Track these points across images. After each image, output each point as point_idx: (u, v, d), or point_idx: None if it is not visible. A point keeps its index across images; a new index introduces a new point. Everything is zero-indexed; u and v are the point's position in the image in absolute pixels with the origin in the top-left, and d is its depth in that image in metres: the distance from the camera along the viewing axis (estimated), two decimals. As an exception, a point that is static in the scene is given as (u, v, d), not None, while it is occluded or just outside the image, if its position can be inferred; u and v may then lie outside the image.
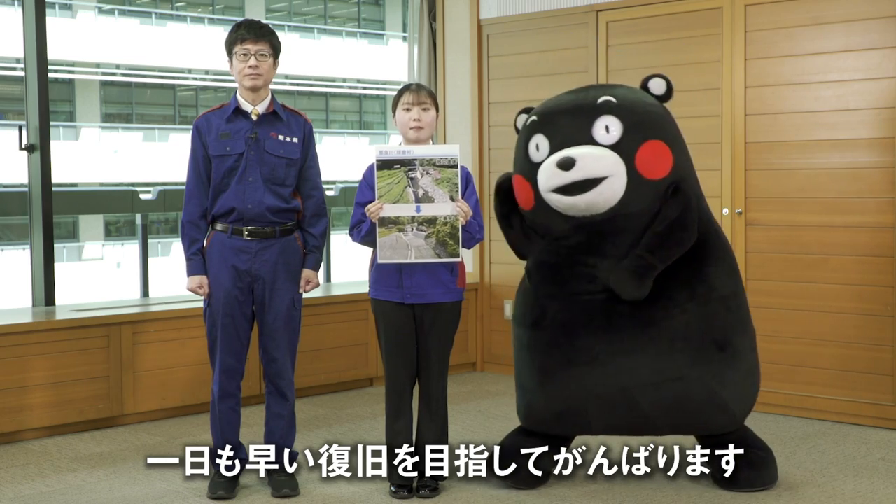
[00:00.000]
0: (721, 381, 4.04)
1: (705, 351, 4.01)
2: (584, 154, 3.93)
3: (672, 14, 5.77)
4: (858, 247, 5.20)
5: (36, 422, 5.06)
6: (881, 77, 5.13)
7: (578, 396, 4.10)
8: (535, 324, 4.17)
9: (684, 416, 4.08)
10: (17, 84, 19.76)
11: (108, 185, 21.49)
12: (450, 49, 6.83)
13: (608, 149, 3.95)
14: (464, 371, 6.66)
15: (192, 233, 4.13)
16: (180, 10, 23.67)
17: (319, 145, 4.55)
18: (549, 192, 3.99)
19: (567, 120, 4.05)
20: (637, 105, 4.06)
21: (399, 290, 4.06)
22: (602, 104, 4.02)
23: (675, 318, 3.99)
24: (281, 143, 4.13)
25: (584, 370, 4.06)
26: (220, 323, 4.12)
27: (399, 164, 3.90)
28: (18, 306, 6.27)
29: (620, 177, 3.93)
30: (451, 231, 3.93)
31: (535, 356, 4.17)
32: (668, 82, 4.19)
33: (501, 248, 6.60)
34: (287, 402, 4.23)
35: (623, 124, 3.98)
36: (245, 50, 4.07)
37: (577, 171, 3.90)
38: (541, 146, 4.07)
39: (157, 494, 4.22)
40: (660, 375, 4.00)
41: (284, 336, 4.18)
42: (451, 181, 3.91)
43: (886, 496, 4.14)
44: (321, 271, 4.45)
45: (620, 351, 4.01)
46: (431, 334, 4.11)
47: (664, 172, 4.00)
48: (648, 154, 3.97)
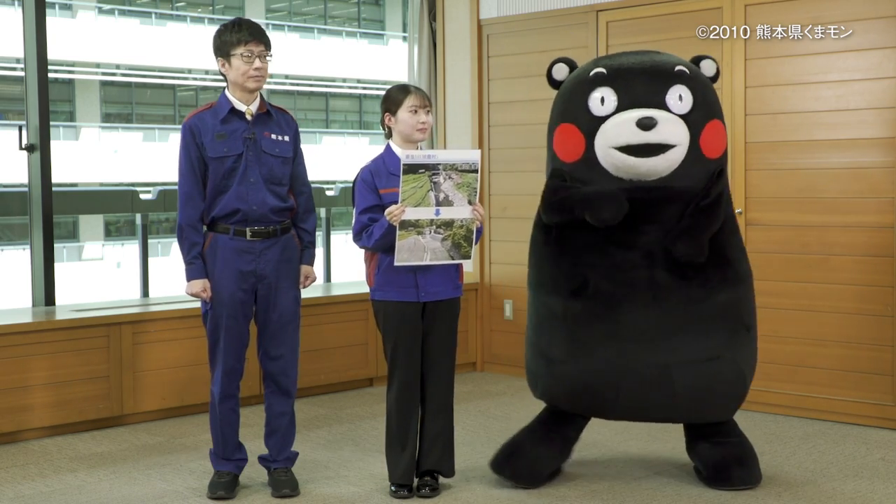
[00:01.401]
0: (747, 363, 4.13)
1: (738, 332, 4.07)
2: (664, 118, 3.94)
3: (672, 14, 5.76)
4: (859, 247, 5.20)
5: (36, 422, 5.06)
6: (881, 77, 5.13)
7: (613, 371, 4.03)
8: (575, 293, 4.09)
9: (711, 397, 4.08)
10: (17, 84, 19.77)
11: (108, 185, 21.50)
12: (450, 49, 6.83)
13: (680, 118, 3.98)
14: (464, 371, 6.66)
15: (192, 236, 4.09)
16: (180, 10, 23.69)
17: (319, 145, 4.54)
18: (613, 149, 3.98)
19: (642, 80, 4.03)
20: (702, 81, 4.12)
21: (414, 290, 4.08)
22: (678, 72, 4.04)
23: (713, 297, 4.01)
24: (276, 142, 4.13)
25: (626, 345, 4.01)
26: (223, 325, 4.10)
27: (424, 168, 3.92)
28: (18, 306, 6.27)
29: (684, 148, 3.97)
30: (465, 234, 3.99)
31: (572, 327, 4.09)
32: (718, 66, 4.24)
33: (501, 248, 6.61)
34: (290, 400, 4.23)
35: (694, 98, 4.02)
36: (249, 51, 4.05)
37: (655, 133, 3.91)
38: (607, 100, 4.03)
39: (157, 494, 4.22)
40: (701, 354, 4.01)
41: (288, 334, 4.18)
42: (470, 186, 3.95)
43: (886, 496, 4.14)
44: (321, 271, 4.44)
45: (667, 327, 4.00)
46: (439, 330, 4.13)
47: (719, 153, 4.07)
48: (712, 132, 4.03)
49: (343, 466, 4.59)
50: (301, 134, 4.34)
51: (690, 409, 4.13)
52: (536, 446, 4.25)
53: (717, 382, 4.05)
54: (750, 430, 5.07)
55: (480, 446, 4.88)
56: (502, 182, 6.57)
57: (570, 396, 4.18)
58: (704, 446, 4.22)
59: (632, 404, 4.11)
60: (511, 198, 6.51)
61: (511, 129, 6.51)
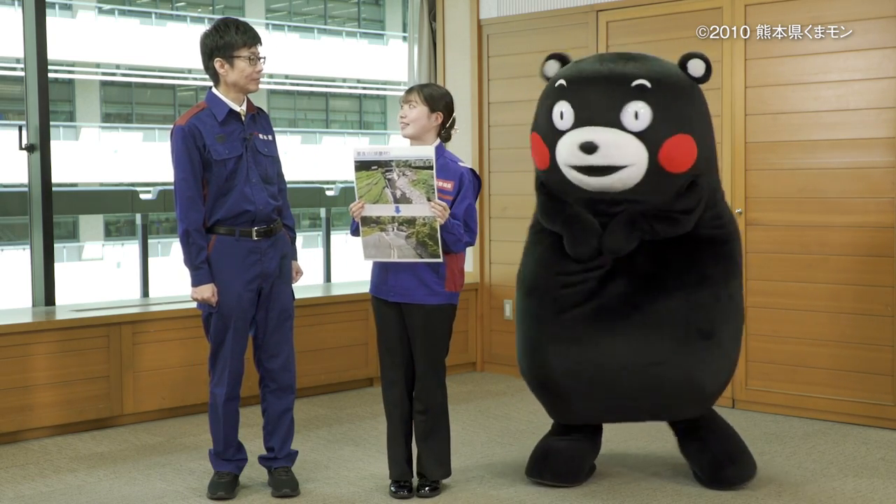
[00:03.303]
0: (701, 367, 4.07)
1: (688, 338, 4.04)
2: (608, 141, 3.90)
3: (672, 14, 5.76)
4: (858, 247, 5.20)
5: (36, 422, 5.06)
6: (881, 77, 5.13)
7: (563, 370, 4.10)
8: (529, 293, 4.21)
9: (660, 398, 4.10)
10: (17, 84, 19.76)
11: (108, 185, 21.49)
12: (450, 49, 6.83)
13: (634, 136, 3.91)
14: (464, 371, 6.66)
15: (199, 241, 4.05)
16: (180, 10, 23.68)
17: (319, 145, 4.56)
18: (566, 166, 4.01)
19: (597, 95, 3.98)
20: (670, 92, 3.96)
21: (385, 287, 4.11)
22: (636, 88, 3.93)
23: (664, 302, 4.01)
24: (265, 142, 4.17)
25: (570, 347, 4.08)
26: (232, 327, 4.09)
27: (376, 165, 3.92)
28: (18, 306, 6.27)
29: (641, 166, 3.93)
30: (430, 232, 3.94)
31: (524, 326, 4.22)
32: (708, 65, 4.04)
33: (501, 248, 6.61)
34: (292, 396, 4.24)
35: (653, 113, 3.91)
36: (252, 53, 4.07)
37: (598, 156, 3.91)
38: (565, 115, 4.03)
39: (157, 494, 4.22)
40: (641, 359, 4.03)
41: (286, 330, 4.21)
42: (426, 183, 3.90)
43: (886, 496, 4.14)
44: (321, 271, 4.45)
45: (608, 331, 4.04)
46: (420, 337, 4.09)
47: (685, 167, 3.98)
48: (673, 148, 3.93)
49: (343, 466, 4.59)
50: (301, 134, 4.35)
51: (655, 408, 4.15)
52: (570, 444, 4.26)
53: (664, 387, 4.06)
54: (750, 430, 5.07)
55: (480, 446, 4.88)
56: (502, 182, 6.57)
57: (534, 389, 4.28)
58: (694, 446, 4.23)
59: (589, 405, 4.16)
60: (511, 198, 6.51)
61: (511, 129, 6.51)
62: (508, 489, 4.24)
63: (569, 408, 4.20)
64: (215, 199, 4.06)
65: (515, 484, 4.30)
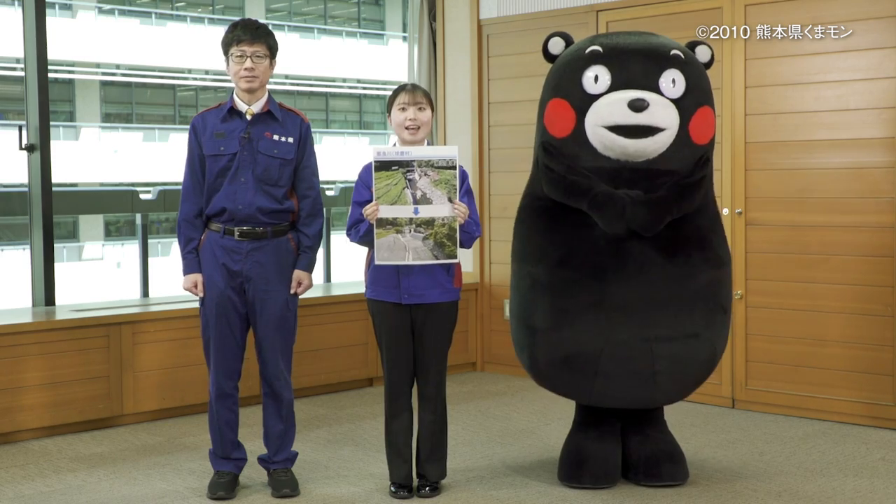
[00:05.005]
0: (722, 344, 4.17)
1: (715, 313, 4.09)
2: (656, 101, 3.96)
3: (672, 14, 5.76)
4: (859, 247, 5.20)
5: (36, 422, 5.06)
6: (881, 77, 5.13)
7: (595, 341, 4.02)
8: (562, 263, 4.07)
9: (686, 374, 4.09)
10: (17, 84, 19.76)
11: (107, 185, 21.49)
12: (450, 49, 6.83)
13: (671, 101, 4.00)
14: (464, 371, 6.66)
15: (187, 231, 4.14)
16: (180, 10, 23.67)
17: (319, 145, 4.53)
18: (603, 128, 3.99)
19: (637, 61, 4.04)
20: (697, 67, 4.13)
21: (396, 291, 4.05)
22: (674, 56, 4.05)
23: (697, 277, 4.04)
24: (275, 142, 4.11)
25: (610, 314, 4.00)
26: (213, 323, 4.13)
27: (397, 165, 3.88)
28: (18, 306, 6.27)
29: (673, 132, 3.99)
30: (448, 232, 3.91)
31: (555, 295, 4.07)
32: (713, 52, 4.25)
33: (501, 248, 6.61)
34: (282, 404, 4.21)
35: (687, 83, 4.03)
36: (241, 51, 4.05)
37: (646, 115, 3.93)
38: (601, 79, 4.04)
39: (157, 494, 4.22)
40: (680, 330, 4.02)
41: (278, 339, 4.16)
42: (449, 183, 3.88)
43: (886, 496, 4.14)
44: (321, 271, 4.44)
45: (650, 302, 4.00)
46: (428, 334, 4.09)
47: (706, 139, 4.10)
48: (701, 119, 4.05)
49: (343, 466, 4.59)
50: (302, 134, 4.29)
51: (667, 385, 4.09)
52: (602, 446, 4.23)
53: (693, 360, 4.07)
54: (750, 430, 5.08)
55: (480, 446, 4.88)
56: (502, 182, 6.57)
57: (553, 366, 4.12)
58: (636, 440, 4.23)
59: (610, 381, 4.05)
60: (511, 198, 6.48)
61: (511, 129, 6.51)
62: (508, 489, 4.24)
63: (589, 384, 4.09)
64: (209, 195, 4.12)
65: (515, 484, 4.30)
